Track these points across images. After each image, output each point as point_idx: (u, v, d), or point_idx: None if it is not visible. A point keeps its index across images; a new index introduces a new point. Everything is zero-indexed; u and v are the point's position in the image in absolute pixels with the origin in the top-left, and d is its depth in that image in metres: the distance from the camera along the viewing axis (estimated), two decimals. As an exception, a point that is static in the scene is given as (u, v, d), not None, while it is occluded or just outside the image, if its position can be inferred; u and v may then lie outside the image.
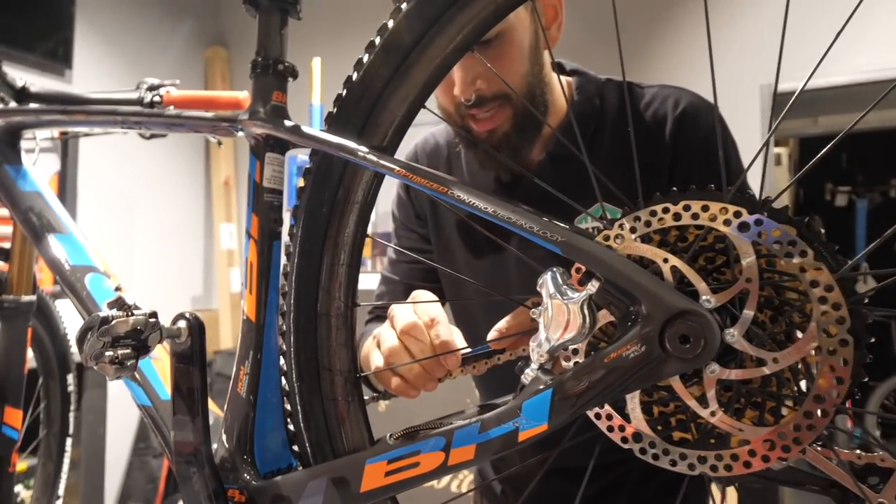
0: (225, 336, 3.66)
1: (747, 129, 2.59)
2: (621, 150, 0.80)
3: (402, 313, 0.69)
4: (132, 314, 0.56)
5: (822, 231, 0.49)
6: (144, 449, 3.22)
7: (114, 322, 0.54)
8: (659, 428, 0.49)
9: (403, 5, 0.61)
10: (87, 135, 1.27)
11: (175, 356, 0.63)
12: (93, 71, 3.10)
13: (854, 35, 2.52)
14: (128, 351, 0.56)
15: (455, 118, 0.85)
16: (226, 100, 1.17)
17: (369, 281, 2.42)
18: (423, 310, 0.68)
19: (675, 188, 0.46)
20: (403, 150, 0.81)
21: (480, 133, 0.83)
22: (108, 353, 0.54)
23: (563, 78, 0.93)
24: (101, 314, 0.54)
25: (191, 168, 3.76)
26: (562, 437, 0.50)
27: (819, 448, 0.48)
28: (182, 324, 0.62)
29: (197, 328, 0.63)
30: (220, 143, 1.34)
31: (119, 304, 0.56)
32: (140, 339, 0.57)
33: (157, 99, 1.10)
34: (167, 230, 3.57)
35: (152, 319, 0.58)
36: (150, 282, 3.33)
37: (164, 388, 0.75)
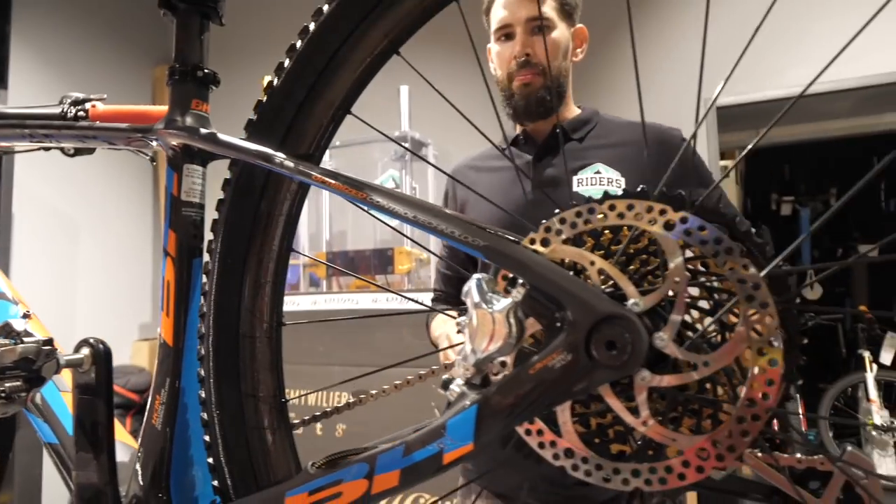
0: (175, 365, 3.50)
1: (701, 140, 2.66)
2: (608, 145, 1.18)
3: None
4: (21, 342, 0.50)
5: (754, 230, 0.48)
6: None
7: (-2, 351, 0.49)
8: (596, 441, 0.46)
9: (325, 7, 0.58)
10: None
11: (78, 387, 0.57)
12: (30, 91, 2.97)
13: (789, 50, 2.62)
14: (17, 383, 0.50)
15: (505, 82, 1.21)
16: (157, 114, 1.12)
17: (333, 302, 2.34)
18: None
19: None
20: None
21: (519, 87, 1.19)
22: (-9, 386, 0.48)
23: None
24: (-17, 343, 0.48)
25: (138, 189, 3.62)
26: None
27: (759, 454, 0.46)
28: (85, 351, 0.57)
29: (102, 356, 0.58)
30: (153, 161, 1.27)
31: (5, 330, 0.50)
32: (31, 369, 0.51)
33: (81, 114, 1.04)
34: (112, 254, 3.41)
35: (46, 347, 0.52)
36: (93, 309, 3.17)
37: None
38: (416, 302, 0.94)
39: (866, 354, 3.81)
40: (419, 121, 2.63)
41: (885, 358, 3.89)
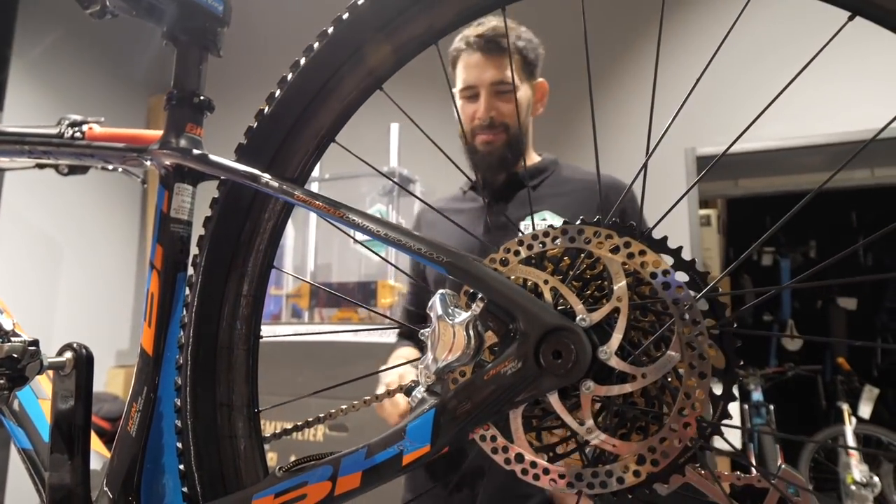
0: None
1: (674, 188, 2.75)
2: (559, 194, 1.26)
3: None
4: (9, 340, 0.53)
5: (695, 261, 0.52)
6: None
7: (-16, 347, 0.51)
8: (550, 455, 0.49)
9: (315, 45, 0.63)
10: (-3, 169, 1.22)
11: (58, 390, 0.59)
12: (26, 116, 3.02)
13: (766, 104, 2.75)
14: (0, 381, 0.52)
15: (469, 137, 1.28)
16: (151, 137, 1.16)
17: (316, 334, 2.35)
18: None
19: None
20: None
21: (482, 144, 1.27)
22: (-25, 381, 0.50)
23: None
24: (-30, 339, 0.51)
25: (125, 213, 3.64)
26: None
27: (702, 472, 0.49)
28: (68, 355, 0.59)
29: (84, 360, 0.60)
30: (144, 183, 1.31)
31: (-7, 329, 0.53)
32: (16, 368, 0.54)
33: (77, 135, 1.08)
34: (95, 278, 3.40)
35: (32, 347, 0.55)
36: (71, 333, 3.13)
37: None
38: (403, 324, 0.97)
39: (845, 407, 3.83)
40: (408, 158, 2.70)
41: (864, 411, 3.91)
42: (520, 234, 0.50)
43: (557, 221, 1.21)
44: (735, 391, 0.49)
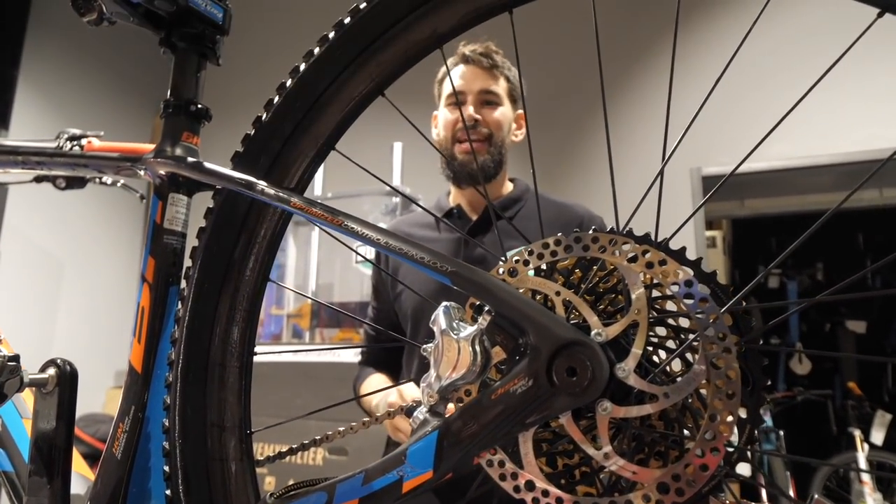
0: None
1: (679, 208, 2.72)
2: (534, 221, 1.18)
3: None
4: (-15, 355, 0.50)
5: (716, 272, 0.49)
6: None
7: (-41, 362, 0.48)
8: (562, 482, 0.46)
9: (316, 49, 0.61)
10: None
11: (38, 409, 0.56)
12: (31, 133, 3.03)
13: (772, 124, 2.74)
14: (-25, 398, 0.49)
15: (448, 143, 1.28)
16: (148, 150, 1.15)
17: (317, 355, 2.31)
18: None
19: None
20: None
21: (462, 154, 1.27)
22: (-53, 398, 0.47)
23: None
24: (-55, 353, 0.48)
25: (126, 231, 3.62)
26: None
27: (728, 501, 0.45)
28: (50, 371, 0.56)
29: (67, 377, 0.57)
30: (143, 198, 1.29)
31: (-30, 343, 0.50)
32: (-7, 384, 0.50)
33: (76, 149, 1.07)
34: (95, 295, 3.37)
35: (11, 363, 0.52)
36: (70, 352, 3.08)
37: (32, 451, 0.66)
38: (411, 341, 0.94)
39: (857, 433, 3.73)
40: (410, 177, 2.69)
41: (877, 437, 3.80)
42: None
43: None
44: (762, 414, 0.45)
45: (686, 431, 0.46)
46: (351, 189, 2.65)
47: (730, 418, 0.37)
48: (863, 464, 3.57)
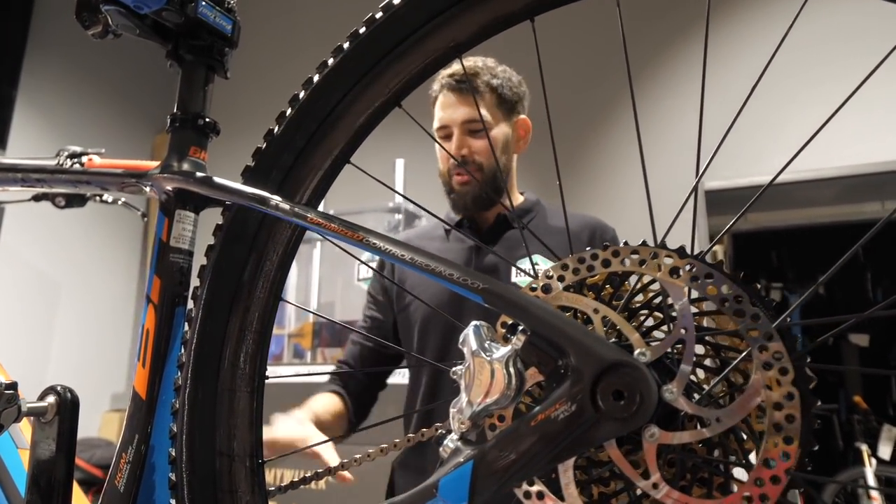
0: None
1: (681, 222, 2.70)
2: (546, 236, 1.20)
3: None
4: (-19, 383, 0.47)
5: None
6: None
7: (-47, 391, 0.45)
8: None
9: (329, 60, 0.59)
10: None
11: (37, 439, 0.52)
12: (29, 153, 3.01)
13: (772, 137, 2.74)
14: (-30, 429, 0.46)
15: (446, 177, 1.27)
16: (152, 167, 1.13)
17: (319, 375, 2.26)
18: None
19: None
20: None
21: (457, 184, 1.25)
22: (-60, 430, 0.44)
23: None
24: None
25: (124, 252, 3.58)
26: None
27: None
28: (50, 399, 0.53)
29: (68, 405, 0.53)
30: (144, 217, 1.26)
31: (-34, 370, 0.47)
32: (-11, 414, 0.47)
33: (77, 167, 1.05)
34: (91, 317, 3.31)
35: (8, 391, 0.49)
36: (65, 375, 3.04)
37: (30, 484, 0.63)
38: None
39: (864, 448, 3.67)
40: (413, 194, 2.67)
41: (884, 452, 3.75)
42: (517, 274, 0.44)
43: (548, 265, 1.17)
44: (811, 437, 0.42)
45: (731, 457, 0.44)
46: (353, 206, 2.63)
47: (790, 445, 0.34)
48: (871, 479, 3.51)
